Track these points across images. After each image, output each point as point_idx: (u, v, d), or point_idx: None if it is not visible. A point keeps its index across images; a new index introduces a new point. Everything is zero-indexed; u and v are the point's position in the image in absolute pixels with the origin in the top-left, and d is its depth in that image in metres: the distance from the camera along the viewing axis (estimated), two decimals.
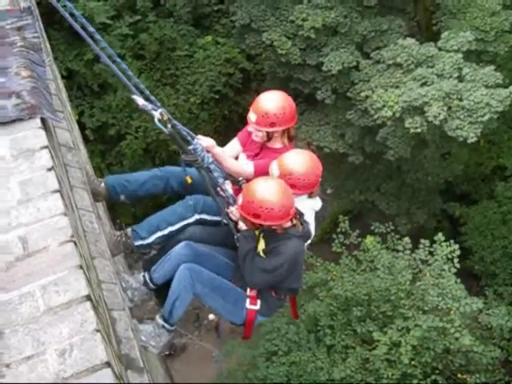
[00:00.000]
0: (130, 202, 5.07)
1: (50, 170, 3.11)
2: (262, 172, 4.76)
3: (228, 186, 4.76)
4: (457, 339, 10.73)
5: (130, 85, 4.13)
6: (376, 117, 14.66)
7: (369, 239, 12.61)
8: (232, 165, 4.85)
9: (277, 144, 4.99)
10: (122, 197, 4.93)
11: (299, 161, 4.64)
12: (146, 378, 3.49)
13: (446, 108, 13.44)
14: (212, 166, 4.55)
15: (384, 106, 14.30)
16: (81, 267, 2.75)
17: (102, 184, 4.85)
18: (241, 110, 18.82)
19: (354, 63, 15.53)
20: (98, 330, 2.57)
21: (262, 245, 4.47)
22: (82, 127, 15.23)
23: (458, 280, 11.45)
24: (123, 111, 16.42)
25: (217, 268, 4.71)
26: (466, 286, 12.10)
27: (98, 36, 3.96)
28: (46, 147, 3.20)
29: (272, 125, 4.82)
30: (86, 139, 14.70)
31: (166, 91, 16.95)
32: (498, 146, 18.26)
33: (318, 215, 5.04)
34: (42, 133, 3.28)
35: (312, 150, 5.26)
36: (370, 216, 17.06)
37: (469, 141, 13.45)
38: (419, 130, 13.76)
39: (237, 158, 5.12)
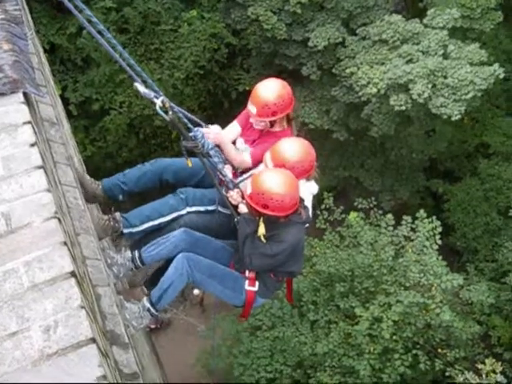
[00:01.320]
0: (128, 199, 5.12)
1: (32, 145, 3.07)
2: (260, 159, 4.85)
3: (228, 171, 4.85)
4: (437, 315, 10.87)
5: (130, 71, 4.18)
6: (361, 94, 14.65)
7: (352, 215, 12.67)
8: (235, 155, 4.92)
9: (277, 127, 5.02)
10: (121, 196, 4.98)
11: (291, 149, 4.67)
12: (131, 353, 3.50)
13: (430, 86, 13.46)
14: (212, 152, 4.63)
15: (369, 82, 14.29)
16: (65, 243, 2.73)
17: (100, 187, 4.89)
18: (225, 86, 18.71)
19: (340, 39, 15.47)
20: (82, 307, 2.56)
21: (262, 229, 4.57)
22: (66, 102, 15.06)
23: (440, 256, 11.56)
24: (107, 86, 16.23)
25: (214, 252, 4.81)
26: (447, 262, 12.25)
27: (94, 19, 3.94)
28: (29, 122, 3.16)
29: (274, 114, 4.85)
30: (69, 114, 14.56)
31: (151, 66, 16.75)
32: (482, 124, 18.36)
33: None
34: (25, 108, 3.24)
35: (299, 131, 5.29)
36: (354, 192, 17.13)
37: (453, 118, 13.51)
38: (404, 108, 13.79)
39: (235, 142, 5.14)
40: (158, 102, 4.03)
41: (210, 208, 4.93)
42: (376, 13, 15.76)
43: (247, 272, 4.80)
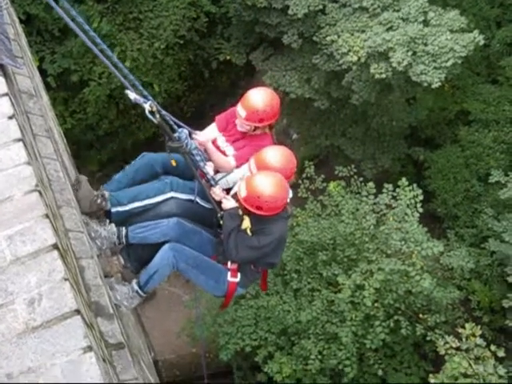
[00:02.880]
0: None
1: (11, 118, 3.04)
2: (243, 162, 5.32)
3: (210, 169, 5.23)
4: (418, 282, 11.01)
5: (120, 77, 4.48)
6: (342, 62, 14.58)
7: (332, 185, 12.69)
8: (218, 158, 5.34)
9: (258, 131, 5.46)
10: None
11: (275, 158, 5.06)
12: (116, 324, 3.52)
13: (410, 53, 13.41)
14: (195, 151, 4.98)
15: (349, 50, 14.21)
16: (47, 216, 2.72)
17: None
18: (206, 55, 18.52)
19: (320, 7, 15.30)
20: (66, 279, 2.57)
21: (247, 223, 4.98)
22: (44, 74, 14.82)
23: (421, 224, 11.66)
24: (85, 56, 15.96)
25: (201, 243, 5.13)
26: (429, 229, 12.35)
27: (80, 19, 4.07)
28: (6, 94, 3.12)
29: (261, 120, 5.31)
30: (47, 86, 14.34)
31: (129, 36, 16.50)
32: (462, 91, 18.39)
33: None
34: (2, 80, 3.19)
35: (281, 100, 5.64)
36: (336, 161, 17.16)
37: (433, 86, 13.49)
38: (384, 76, 13.74)
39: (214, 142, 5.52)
40: (147, 107, 4.35)
41: (190, 197, 5.23)
42: None
43: (229, 264, 5.14)
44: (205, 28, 17.91)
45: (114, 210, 5.03)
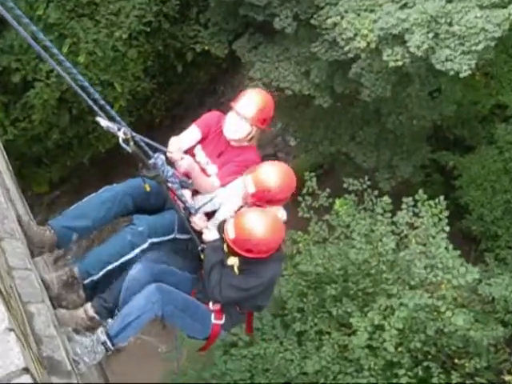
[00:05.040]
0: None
1: None
2: (229, 181, 5.66)
3: (188, 197, 5.52)
4: (450, 318, 10.98)
5: (89, 101, 4.64)
6: (347, 49, 14.62)
7: (339, 202, 12.69)
8: (202, 181, 5.65)
9: (245, 143, 5.84)
10: (74, 236, 5.44)
11: (276, 177, 5.40)
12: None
13: (431, 35, 13.46)
14: (171, 179, 5.24)
15: (356, 35, 14.25)
16: None
17: (48, 232, 5.24)
18: (179, 45, 18.57)
19: None
20: (11, 329, 2.58)
21: (234, 260, 5.28)
22: None
23: (451, 246, 11.67)
24: (29, 52, 15.95)
25: (177, 283, 5.35)
26: (462, 252, 12.31)
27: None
28: None
29: (263, 121, 5.76)
30: None
31: (83, 24, 16.48)
32: (497, 80, 18.43)
33: None
34: None
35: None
36: (345, 171, 17.17)
37: (461, 75, 13.54)
38: (400, 63, 13.78)
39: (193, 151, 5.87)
40: (121, 135, 4.64)
41: (168, 238, 5.57)
42: None
43: (211, 304, 5.42)
44: (176, 12, 18.00)
45: (87, 281, 5.30)
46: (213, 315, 5.42)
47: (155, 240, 5.50)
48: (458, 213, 16.96)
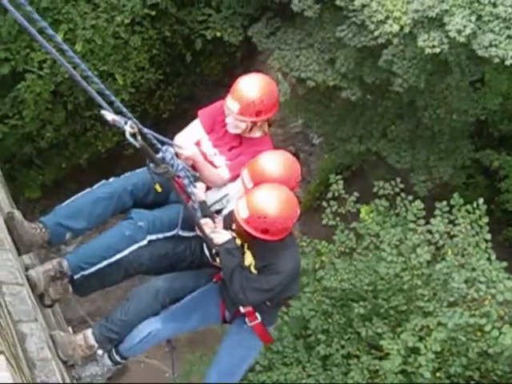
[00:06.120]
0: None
1: None
2: (239, 174, 5.71)
3: (201, 193, 5.68)
4: (495, 339, 10.87)
5: (92, 91, 4.79)
6: (377, 33, 14.62)
7: (365, 210, 12.65)
8: (210, 173, 5.81)
9: (256, 132, 5.96)
10: (68, 235, 5.63)
11: (274, 167, 5.50)
12: None
13: (474, 18, 13.43)
14: (182, 173, 5.41)
15: (388, 17, 14.26)
16: None
17: (39, 230, 5.37)
18: (187, 31, 18.61)
19: None
20: (0, 352, 2.58)
21: (250, 258, 5.48)
22: None
23: (494, 256, 11.58)
24: (20, 39, 16.07)
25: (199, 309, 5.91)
26: (509, 263, 12.22)
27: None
28: None
29: (258, 113, 5.75)
30: None
31: (80, 9, 16.57)
32: None
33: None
34: None
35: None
36: (375, 173, 17.19)
37: (507, 62, 13.47)
38: (438, 50, 13.75)
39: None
40: (128, 129, 4.61)
41: (169, 234, 5.77)
42: None
43: (241, 308, 5.77)
44: None
45: (77, 276, 5.46)
46: (247, 319, 5.81)
47: (154, 237, 5.67)
48: (505, 219, 16.93)
